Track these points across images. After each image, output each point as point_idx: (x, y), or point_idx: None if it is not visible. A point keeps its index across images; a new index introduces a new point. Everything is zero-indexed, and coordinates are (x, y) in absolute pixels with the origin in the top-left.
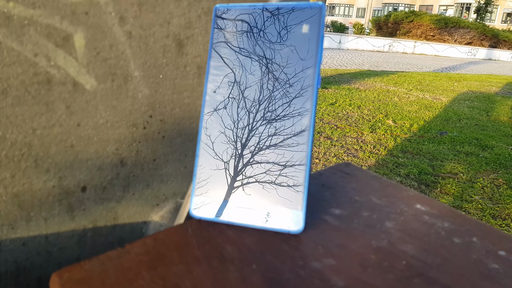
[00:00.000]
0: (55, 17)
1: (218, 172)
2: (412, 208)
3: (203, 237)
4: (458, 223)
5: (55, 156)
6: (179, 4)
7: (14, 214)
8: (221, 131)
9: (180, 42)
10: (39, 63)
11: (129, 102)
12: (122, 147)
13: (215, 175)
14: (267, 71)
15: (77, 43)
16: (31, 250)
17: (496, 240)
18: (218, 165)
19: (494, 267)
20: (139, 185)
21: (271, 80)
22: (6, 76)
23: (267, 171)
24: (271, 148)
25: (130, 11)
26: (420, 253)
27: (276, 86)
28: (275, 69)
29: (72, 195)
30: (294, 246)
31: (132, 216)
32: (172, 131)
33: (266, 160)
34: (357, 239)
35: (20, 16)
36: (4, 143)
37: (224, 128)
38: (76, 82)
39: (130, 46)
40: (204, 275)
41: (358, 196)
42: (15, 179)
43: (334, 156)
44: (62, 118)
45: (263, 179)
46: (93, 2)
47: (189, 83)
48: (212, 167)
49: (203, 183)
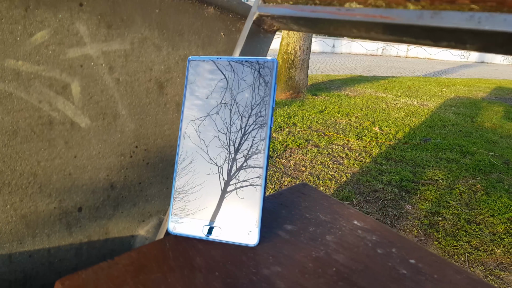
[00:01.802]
0: (55, 70)
1: (194, 193)
2: (350, 224)
3: (178, 250)
4: (383, 236)
5: (56, 183)
6: (160, 53)
7: (22, 231)
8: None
9: (161, 84)
10: (42, 108)
11: (117, 136)
12: (112, 174)
13: (190, 195)
14: (230, 109)
15: (74, 90)
16: (36, 261)
17: (410, 250)
18: (193, 189)
19: (403, 273)
20: (127, 205)
21: (234, 114)
22: (16, 120)
23: (229, 194)
24: (234, 174)
25: (118, 62)
26: (348, 261)
27: (235, 118)
28: (237, 107)
29: (70, 214)
30: (250, 257)
31: (121, 231)
32: (155, 158)
33: (230, 185)
34: (301, 250)
35: (27, 72)
36: (14, 174)
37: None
38: (73, 122)
39: (118, 90)
40: (176, 282)
41: (308, 214)
42: (23, 203)
43: (320, 164)
44: (62, 152)
45: (229, 201)
46: (87, 56)
47: (169, 118)
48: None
49: (179, 204)
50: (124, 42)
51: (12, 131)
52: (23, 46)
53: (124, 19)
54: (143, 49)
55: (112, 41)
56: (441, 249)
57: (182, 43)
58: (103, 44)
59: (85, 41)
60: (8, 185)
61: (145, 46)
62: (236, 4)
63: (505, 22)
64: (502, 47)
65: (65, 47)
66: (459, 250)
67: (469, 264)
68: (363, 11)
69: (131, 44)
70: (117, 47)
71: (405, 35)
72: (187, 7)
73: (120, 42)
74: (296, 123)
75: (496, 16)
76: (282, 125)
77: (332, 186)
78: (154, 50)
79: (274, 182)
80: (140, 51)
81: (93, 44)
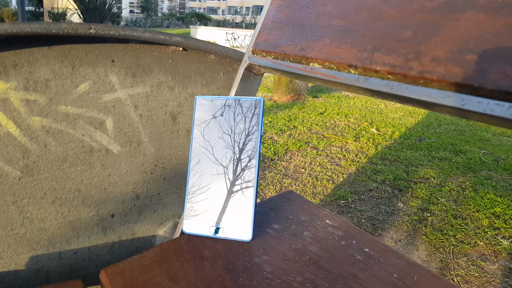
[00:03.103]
0: (94, 111)
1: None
2: (323, 222)
3: (190, 245)
4: (347, 232)
5: (94, 196)
6: (172, 93)
7: (69, 234)
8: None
9: (174, 116)
10: (85, 140)
11: (141, 158)
12: (137, 187)
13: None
14: (229, 135)
15: (108, 125)
16: (79, 257)
17: (366, 242)
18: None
19: (358, 258)
20: (149, 211)
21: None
22: (66, 149)
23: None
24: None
25: (141, 101)
26: (318, 251)
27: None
28: (233, 134)
29: (105, 220)
30: (245, 249)
31: (144, 232)
32: (170, 174)
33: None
34: (284, 243)
35: (74, 113)
36: (63, 190)
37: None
38: (108, 149)
39: (141, 123)
40: (190, 268)
41: (291, 215)
42: (70, 212)
43: (319, 166)
44: (99, 172)
45: (230, 206)
46: (117, 99)
47: (181, 141)
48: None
49: (191, 209)
50: (145, 86)
51: (63, 158)
52: (71, 95)
53: (145, 69)
54: (160, 90)
55: (136, 86)
56: (428, 242)
57: (190, 83)
58: (129, 89)
59: (116, 87)
60: (59, 199)
61: (161, 88)
62: (232, 52)
63: (406, 90)
64: (409, 102)
65: (101, 93)
66: (444, 243)
67: (453, 256)
68: (321, 71)
69: (151, 87)
70: (140, 91)
71: (350, 90)
72: (193, 56)
73: (142, 87)
74: (297, 126)
75: (401, 85)
76: (283, 128)
77: (330, 186)
78: (168, 91)
79: (275, 183)
80: (158, 92)
81: (122, 90)
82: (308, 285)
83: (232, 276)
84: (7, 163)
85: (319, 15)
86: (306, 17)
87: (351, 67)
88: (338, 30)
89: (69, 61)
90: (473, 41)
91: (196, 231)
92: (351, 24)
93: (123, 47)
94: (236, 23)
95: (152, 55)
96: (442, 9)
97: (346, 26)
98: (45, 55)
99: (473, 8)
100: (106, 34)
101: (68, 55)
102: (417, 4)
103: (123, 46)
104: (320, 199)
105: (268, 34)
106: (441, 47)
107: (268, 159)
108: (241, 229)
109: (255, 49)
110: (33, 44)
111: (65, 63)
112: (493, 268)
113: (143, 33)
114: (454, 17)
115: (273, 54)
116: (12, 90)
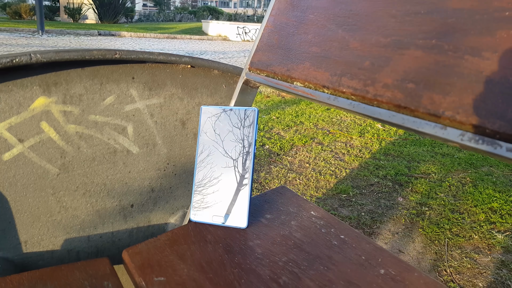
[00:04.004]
0: (118, 119)
1: (207, 195)
2: (308, 214)
3: (196, 231)
4: (328, 221)
5: (117, 189)
6: (182, 102)
7: (96, 221)
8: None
9: (183, 122)
10: (110, 143)
11: (156, 157)
12: (152, 182)
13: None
14: (228, 138)
15: (129, 130)
16: (104, 240)
17: (343, 230)
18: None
19: (335, 243)
20: (162, 202)
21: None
22: (94, 151)
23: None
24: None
25: (156, 110)
26: (302, 237)
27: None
28: (233, 136)
29: (126, 209)
30: (242, 234)
31: (158, 220)
32: (180, 171)
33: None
34: (274, 230)
35: (101, 121)
36: (92, 184)
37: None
38: (128, 150)
39: (156, 128)
40: (196, 249)
41: (282, 207)
42: (97, 202)
43: (323, 161)
44: (121, 169)
45: (229, 199)
46: (137, 109)
47: (189, 143)
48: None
49: (198, 198)
50: (159, 97)
51: (92, 158)
52: (99, 107)
53: (159, 84)
54: (171, 101)
55: (152, 98)
56: (424, 235)
57: (197, 94)
58: (146, 100)
59: (135, 99)
60: (89, 191)
61: (173, 99)
62: (232, 68)
63: (364, 109)
64: (368, 118)
65: (124, 104)
66: (440, 236)
67: (448, 248)
68: (302, 89)
69: (164, 98)
70: (155, 101)
71: (324, 105)
72: (200, 72)
73: (157, 98)
74: (303, 122)
75: (361, 105)
76: (290, 124)
77: (332, 180)
78: (179, 101)
79: (280, 178)
80: (170, 102)
81: (140, 101)
82: (291, 264)
83: (229, 256)
84: (48, 162)
85: (301, 42)
86: (292, 42)
87: (324, 87)
88: (315, 56)
89: (98, 79)
90: (412, 73)
91: (201, 220)
92: (325, 52)
93: (142, 66)
94: (247, 17)
95: (165, 72)
96: (392, 45)
97: (321, 53)
98: (79, 75)
99: (414, 46)
100: (128, 57)
101: (97, 74)
102: (374, 39)
103: (142, 65)
104: (322, 193)
105: (261, 55)
106: (390, 76)
107: (274, 154)
108: (238, 218)
109: (251, 67)
110: (70, 66)
111: (95, 81)
112: (486, 261)
113: (157, 55)
114: (400, 52)
115: (265, 72)
116: (53, 103)
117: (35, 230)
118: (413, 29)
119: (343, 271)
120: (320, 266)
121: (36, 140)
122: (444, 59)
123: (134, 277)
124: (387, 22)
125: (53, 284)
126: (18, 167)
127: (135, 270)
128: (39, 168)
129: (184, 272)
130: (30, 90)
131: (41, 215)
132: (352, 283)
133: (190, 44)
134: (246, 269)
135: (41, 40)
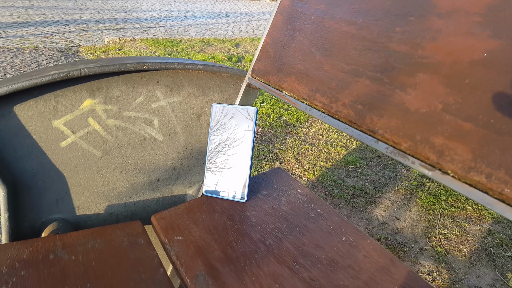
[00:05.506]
0: (146, 114)
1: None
2: (295, 191)
3: (207, 202)
4: (310, 198)
5: (146, 168)
6: (197, 99)
7: (130, 191)
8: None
9: (198, 115)
10: (141, 133)
11: (176, 143)
12: (174, 162)
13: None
14: (232, 128)
15: (155, 123)
16: (137, 207)
17: (321, 206)
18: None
19: (312, 216)
20: (182, 178)
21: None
22: (129, 139)
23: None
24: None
25: (176, 106)
26: (288, 210)
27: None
28: (236, 127)
29: (154, 183)
30: (242, 206)
31: (179, 192)
32: (196, 153)
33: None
34: (267, 204)
35: (133, 116)
36: (127, 164)
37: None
38: (155, 138)
39: (177, 121)
40: (206, 217)
41: (276, 185)
42: (131, 177)
43: (336, 133)
44: (149, 153)
45: (233, 177)
46: (161, 106)
47: (203, 132)
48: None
49: (210, 178)
50: (179, 96)
51: (127, 144)
52: (132, 105)
53: (179, 85)
54: (189, 98)
55: (173, 97)
56: (420, 205)
57: (209, 92)
58: (169, 99)
59: (160, 98)
60: (125, 170)
61: (190, 97)
62: (239, 72)
63: (329, 121)
64: (333, 127)
65: (151, 103)
66: (435, 206)
67: (441, 217)
68: (288, 98)
69: (183, 97)
70: (175, 100)
71: (305, 113)
72: (212, 74)
73: (177, 97)
74: None
75: (327, 117)
76: None
77: (342, 152)
78: (194, 98)
79: (293, 149)
80: (187, 99)
81: (164, 100)
82: (276, 230)
83: (231, 223)
84: (94, 148)
85: (291, 58)
86: (284, 57)
87: (303, 99)
88: (299, 72)
89: (131, 83)
90: (362, 97)
91: (211, 194)
92: (306, 70)
93: (164, 72)
94: None
95: (183, 75)
96: (351, 72)
97: (303, 70)
98: (116, 81)
99: (365, 76)
100: (154, 67)
101: (130, 80)
102: (340, 65)
103: (164, 71)
104: (331, 164)
105: (260, 64)
106: (347, 97)
107: (290, 126)
108: (240, 193)
109: (252, 73)
110: (109, 75)
111: (128, 85)
112: (475, 229)
113: (177, 65)
114: (356, 80)
115: (262, 79)
116: (97, 103)
117: (85, 198)
118: (366, 62)
119: (314, 237)
120: (298, 233)
121: (84, 131)
122: (383, 89)
123: (160, 236)
124: (350, 52)
125: (101, 239)
126: (71, 152)
127: (161, 231)
128: (87, 153)
129: (197, 233)
130: (80, 94)
131: (89, 187)
132: (319, 246)
133: (216, 4)
134: (243, 233)
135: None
